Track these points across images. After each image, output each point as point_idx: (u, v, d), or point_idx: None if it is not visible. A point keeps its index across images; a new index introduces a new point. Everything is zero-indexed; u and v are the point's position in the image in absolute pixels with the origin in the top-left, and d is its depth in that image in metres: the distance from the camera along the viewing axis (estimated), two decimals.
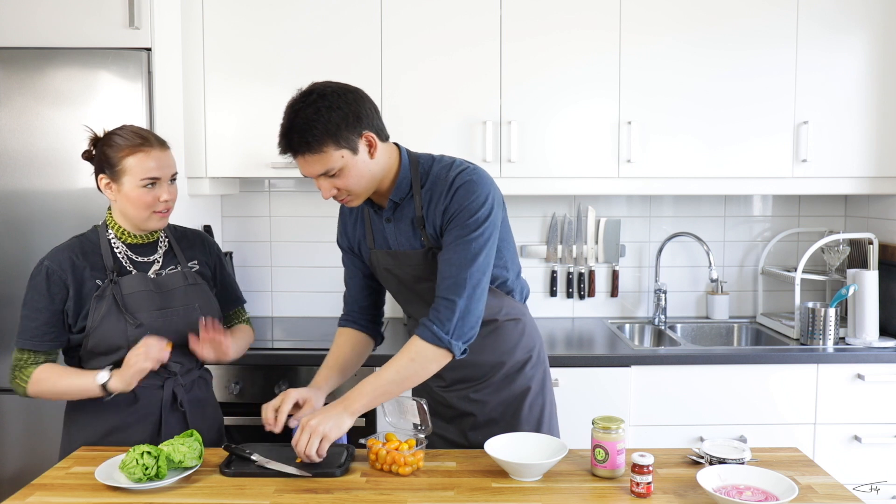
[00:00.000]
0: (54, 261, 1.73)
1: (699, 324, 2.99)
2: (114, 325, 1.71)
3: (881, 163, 2.66)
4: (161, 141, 1.75)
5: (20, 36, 2.40)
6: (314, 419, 1.55)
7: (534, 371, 1.83)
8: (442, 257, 1.63)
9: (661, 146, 2.64)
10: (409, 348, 1.62)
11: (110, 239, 1.78)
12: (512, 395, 1.80)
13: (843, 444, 2.47)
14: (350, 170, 1.58)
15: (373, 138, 1.59)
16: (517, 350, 1.81)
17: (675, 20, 2.61)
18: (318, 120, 1.53)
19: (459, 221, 1.61)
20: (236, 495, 1.47)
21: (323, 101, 1.54)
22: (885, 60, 2.64)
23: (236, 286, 2.00)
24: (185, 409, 1.80)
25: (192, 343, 1.75)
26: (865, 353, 2.46)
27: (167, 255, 1.83)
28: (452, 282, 1.59)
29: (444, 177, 1.66)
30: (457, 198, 1.62)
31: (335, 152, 1.55)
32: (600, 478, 1.54)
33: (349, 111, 1.55)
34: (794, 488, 1.39)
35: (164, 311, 1.76)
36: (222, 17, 2.61)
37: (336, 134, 1.54)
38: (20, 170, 2.40)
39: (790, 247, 3.08)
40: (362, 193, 1.64)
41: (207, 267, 1.90)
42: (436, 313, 1.60)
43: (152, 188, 1.71)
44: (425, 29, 2.61)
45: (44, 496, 1.47)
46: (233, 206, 3.06)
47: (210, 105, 2.63)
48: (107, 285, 1.72)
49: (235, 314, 2.01)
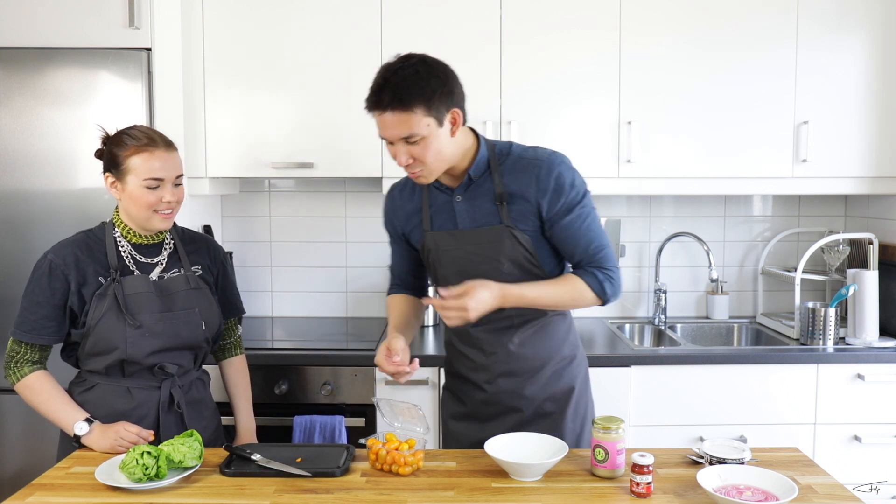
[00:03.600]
0: (58, 255, 1.73)
1: (699, 324, 2.99)
2: (113, 324, 1.71)
3: (881, 163, 2.66)
4: (168, 142, 1.75)
5: (20, 36, 2.40)
6: (474, 299, 1.58)
7: (579, 369, 1.86)
8: (573, 230, 1.69)
9: (661, 146, 2.64)
10: (576, 286, 1.70)
11: (116, 237, 1.78)
12: (560, 391, 1.81)
13: (843, 444, 2.47)
14: (431, 141, 1.59)
15: (458, 116, 1.62)
16: (564, 346, 1.83)
17: (675, 20, 2.61)
18: (417, 81, 1.55)
19: (573, 198, 1.68)
20: (236, 495, 1.47)
21: (423, 66, 1.57)
22: (885, 61, 2.64)
23: (237, 296, 2.01)
24: (182, 411, 1.80)
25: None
26: (865, 353, 2.46)
27: (172, 257, 1.83)
28: (604, 251, 1.71)
29: (531, 157, 1.70)
30: (561, 178, 1.68)
31: (423, 118, 1.56)
32: (600, 478, 1.54)
33: (445, 83, 1.59)
34: (794, 488, 1.39)
35: (164, 313, 1.76)
36: (222, 17, 2.61)
37: (429, 99, 1.56)
38: (20, 170, 2.40)
39: (790, 247, 3.08)
40: (434, 170, 1.65)
41: (211, 272, 1.90)
42: (600, 268, 1.71)
43: (155, 189, 1.71)
44: (425, 29, 2.60)
45: (44, 496, 1.47)
46: (233, 206, 3.06)
47: (210, 105, 2.63)
48: (109, 284, 1.72)
49: (230, 326, 2.00)
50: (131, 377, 1.76)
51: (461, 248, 1.73)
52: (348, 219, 3.06)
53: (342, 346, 2.54)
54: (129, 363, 1.74)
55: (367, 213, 3.05)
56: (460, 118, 1.63)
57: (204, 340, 1.83)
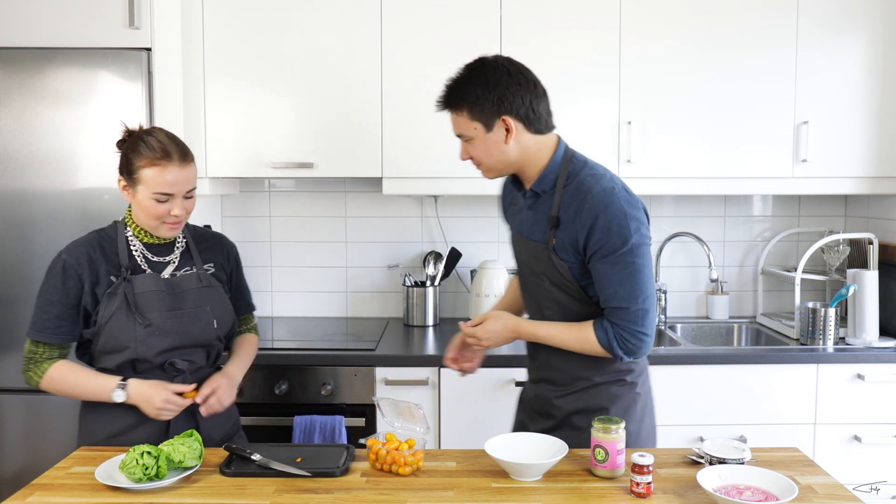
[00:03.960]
0: (71, 254, 1.73)
1: (699, 324, 2.99)
2: (123, 323, 1.71)
3: (881, 163, 2.66)
4: (184, 154, 1.73)
5: (20, 36, 2.40)
6: (484, 330, 1.72)
7: (621, 393, 1.74)
8: (602, 274, 1.62)
9: (662, 146, 2.64)
10: (586, 334, 1.66)
11: (128, 237, 1.78)
12: (593, 409, 1.73)
13: (843, 444, 2.47)
14: (479, 143, 1.64)
15: (511, 125, 1.61)
16: (606, 367, 1.73)
17: (676, 20, 2.61)
18: (467, 86, 1.61)
19: (611, 244, 1.59)
20: (236, 495, 1.47)
21: (480, 70, 1.62)
22: (885, 61, 2.64)
23: (249, 293, 2.02)
24: (196, 410, 1.79)
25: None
26: (865, 353, 2.46)
27: (184, 255, 1.84)
28: (630, 310, 1.62)
29: (588, 187, 1.62)
30: (600, 219, 1.59)
31: (469, 121, 1.63)
32: (600, 478, 1.54)
33: (496, 91, 1.60)
34: (794, 488, 1.39)
35: (174, 312, 1.76)
36: (222, 16, 2.61)
37: (473, 105, 1.61)
38: (20, 170, 2.40)
39: (790, 247, 3.08)
40: (493, 169, 1.69)
41: (223, 270, 1.90)
42: (615, 324, 1.63)
43: (165, 202, 1.70)
44: (425, 29, 2.61)
45: (44, 496, 1.47)
46: (233, 206, 3.06)
47: (210, 105, 2.63)
48: (119, 283, 1.73)
49: (244, 320, 2.03)
50: (143, 375, 1.76)
51: (521, 252, 1.79)
52: (348, 219, 3.06)
53: (342, 346, 2.54)
54: (140, 361, 1.74)
55: (367, 213, 3.05)
56: (514, 126, 1.62)
57: (216, 338, 1.83)
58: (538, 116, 1.65)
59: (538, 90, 1.67)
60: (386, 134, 2.63)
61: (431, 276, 2.94)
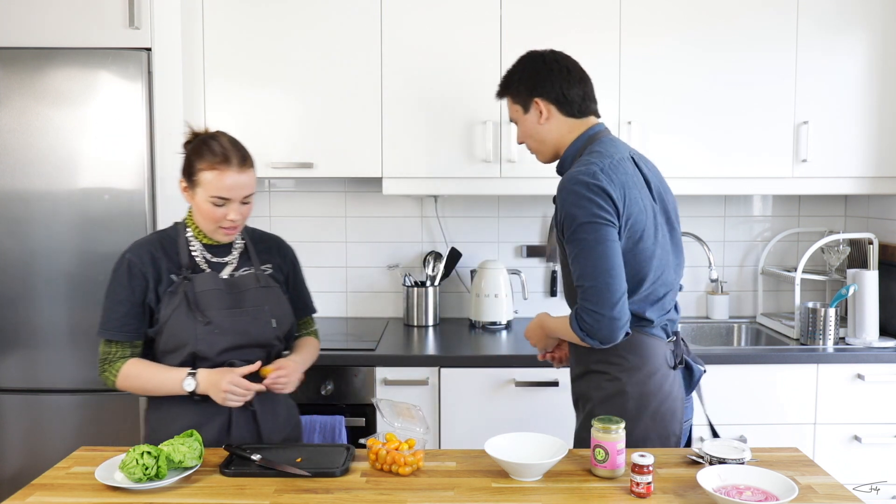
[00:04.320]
0: (136, 254, 1.77)
1: (699, 324, 2.99)
2: (183, 321, 1.73)
3: (881, 163, 2.66)
4: (243, 160, 1.74)
5: (20, 36, 2.40)
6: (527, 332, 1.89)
7: (606, 386, 1.74)
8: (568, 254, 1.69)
9: (661, 146, 2.64)
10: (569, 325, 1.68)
11: (188, 237, 1.81)
12: (589, 395, 1.77)
13: (843, 444, 2.47)
14: (522, 125, 1.83)
15: (542, 106, 1.77)
16: (609, 359, 1.74)
17: (676, 21, 2.61)
18: (511, 74, 1.82)
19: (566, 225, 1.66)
20: (236, 495, 1.47)
21: (522, 60, 1.83)
22: (885, 61, 2.64)
23: (308, 295, 2.03)
24: (254, 409, 1.79)
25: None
26: (865, 353, 2.46)
27: (242, 256, 1.86)
28: (585, 289, 1.62)
29: (567, 177, 1.68)
30: (558, 200, 1.68)
31: (512, 105, 1.83)
32: (600, 478, 1.54)
33: (531, 76, 1.78)
34: (794, 488, 1.39)
35: (233, 310, 1.78)
36: (222, 16, 2.61)
37: (514, 89, 1.81)
38: (20, 170, 2.40)
39: (790, 247, 3.08)
40: (537, 151, 1.84)
41: (281, 272, 1.92)
42: (578, 305, 1.65)
43: (221, 206, 1.72)
44: (425, 30, 2.61)
45: (44, 496, 1.47)
46: None
47: (210, 105, 2.63)
48: (180, 282, 1.75)
49: (304, 323, 2.04)
50: None
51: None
52: (348, 219, 3.06)
53: (342, 346, 2.54)
54: (200, 360, 1.75)
55: (367, 213, 3.05)
56: (545, 108, 1.77)
57: (275, 338, 1.83)
58: (570, 100, 1.78)
59: (572, 77, 1.78)
60: (386, 134, 2.63)
61: (431, 276, 2.94)
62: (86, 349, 2.40)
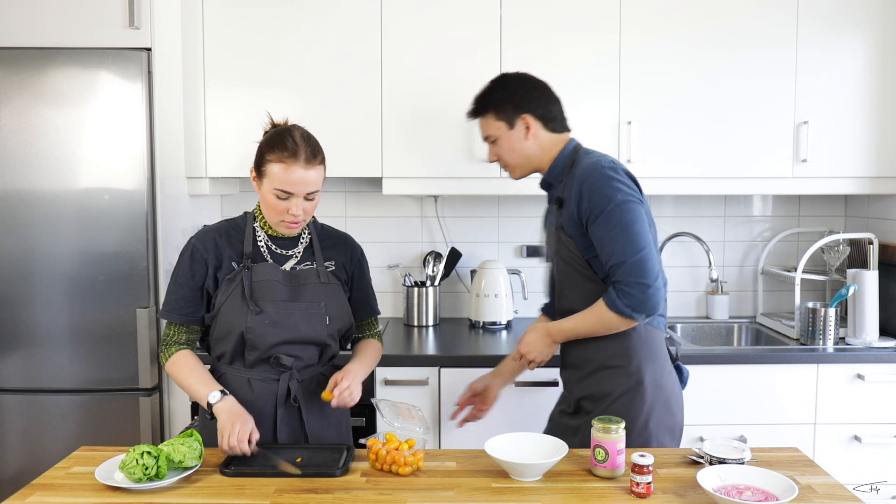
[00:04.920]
0: (200, 240, 1.80)
1: (699, 324, 2.99)
2: (236, 308, 1.74)
3: (881, 163, 2.66)
4: (312, 157, 1.72)
5: (20, 36, 2.40)
6: (524, 344, 1.86)
7: (625, 380, 1.80)
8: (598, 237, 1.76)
9: (661, 146, 2.64)
10: (598, 309, 1.76)
11: (255, 227, 1.82)
12: (598, 394, 1.84)
13: (843, 444, 2.47)
14: (503, 142, 1.86)
15: (530, 122, 1.85)
16: (615, 354, 1.81)
17: (675, 21, 2.61)
18: (491, 92, 1.87)
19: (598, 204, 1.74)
20: (236, 495, 1.47)
21: (501, 80, 1.89)
22: (885, 61, 2.64)
23: (372, 296, 1.99)
24: (299, 405, 1.79)
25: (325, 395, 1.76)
26: (865, 353, 2.46)
27: (307, 250, 1.86)
28: (624, 265, 1.71)
29: (583, 164, 1.80)
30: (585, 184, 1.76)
31: (494, 121, 1.86)
32: (600, 478, 1.54)
33: (515, 93, 1.85)
34: (794, 488, 1.39)
35: (288, 303, 1.78)
36: (222, 17, 2.61)
37: (498, 106, 1.85)
38: (20, 170, 2.40)
39: (790, 247, 3.08)
40: (515, 167, 1.90)
41: (344, 270, 1.90)
42: (617, 282, 1.72)
43: (285, 200, 1.72)
44: (425, 30, 2.61)
45: (44, 496, 1.47)
46: (233, 206, 3.05)
47: (210, 105, 2.63)
48: (239, 270, 1.77)
49: (367, 324, 2.00)
50: (252, 368, 1.78)
51: (548, 247, 1.98)
52: (348, 219, 3.06)
53: None
54: (250, 350, 1.76)
55: (367, 213, 3.05)
56: (533, 123, 1.85)
57: (328, 336, 1.82)
58: (553, 116, 1.88)
59: (551, 95, 1.91)
60: (386, 134, 2.63)
61: (431, 276, 2.94)
62: (86, 349, 2.40)
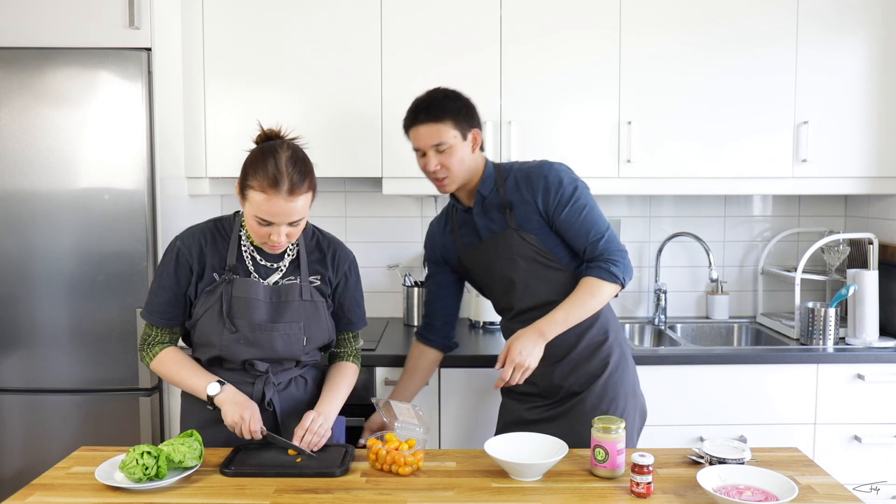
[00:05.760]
0: (185, 243, 1.76)
1: (699, 324, 2.99)
2: (213, 324, 1.72)
3: (881, 163, 2.66)
4: (294, 189, 1.64)
5: (20, 36, 2.40)
6: (516, 350, 1.77)
7: (609, 350, 1.96)
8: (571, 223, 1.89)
9: (661, 146, 2.64)
10: (591, 285, 1.85)
11: (241, 235, 1.79)
12: (589, 374, 1.93)
13: (843, 444, 2.47)
14: (456, 150, 1.89)
15: (479, 137, 1.94)
16: (592, 329, 1.95)
17: (675, 21, 2.61)
18: (448, 102, 1.91)
19: (564, 193, 1.89)
20: (236, 495, 1.47)
21: (453, 94, 1.94)
22: (885, 60, 2.64)
23: (355, 310, 1.93)
24: (274, 409, 1.79)
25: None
26: (865, 353, 2.46)
27: (292, 264, 1.80)
28: (606, 239, 1.88)
29: (527, 168, 1.95)
30: (549, 178, 1.91)
31: (451, 129, 1.89)
32: (600, 478, 1.54)
33: (470, 109, 1.93)
34: (794, 488, 1.39)
35: (265, 324, 1.74)
36: (222, 16, 2.61)
37: (457, 116, 1.89)
38: (20, 170, 2.40)
39: (790, 247, 3.08)
40: (457, 178, 1.93)
41: (329, 284, 1.85)
42: (601, 254, 1.87)
43: (265, 227, 1.67)
44: (425, 29, 2.61)
45: (44, 496, 1.47)
46: (233, 207, 3.05)
47: (210, 105, 2.63)
48: (220, 283, 1.73)
49: (344, 339, 1.96)
50: (230, 372, 1.78)
51: (486, 254, 1.98)
52: (348, 219, 3.06)
53: None
54: (226, 361, 1.77)
55: (367, 213, 3.05)
56: (480, 138, 1.95)
57: (303, 354, 1.80)
58: (483, 137, 2.00)
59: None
60: (386, 134, 2.63)
61: None
62: (86, 349, 2.40)
